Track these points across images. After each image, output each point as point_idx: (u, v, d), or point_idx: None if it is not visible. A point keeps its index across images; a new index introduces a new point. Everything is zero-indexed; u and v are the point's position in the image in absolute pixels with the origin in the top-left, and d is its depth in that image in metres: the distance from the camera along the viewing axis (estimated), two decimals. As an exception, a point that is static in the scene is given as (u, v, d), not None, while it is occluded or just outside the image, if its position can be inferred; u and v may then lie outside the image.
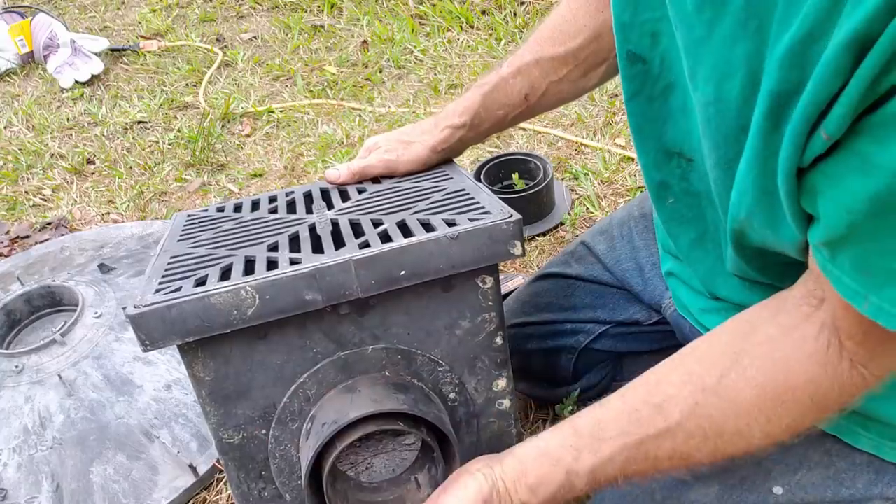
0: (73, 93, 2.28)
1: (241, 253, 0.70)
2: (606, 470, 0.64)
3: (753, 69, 0.55)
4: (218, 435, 0.70)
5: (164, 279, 0.67)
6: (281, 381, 0.69)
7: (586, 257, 1.00)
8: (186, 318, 0.62)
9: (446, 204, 0.74)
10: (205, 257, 0.71)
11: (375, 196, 0.82)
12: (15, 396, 1.14)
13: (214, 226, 0.82)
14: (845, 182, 0.50)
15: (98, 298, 1.26)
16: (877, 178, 0.47)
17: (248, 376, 0.68)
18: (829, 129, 0.48)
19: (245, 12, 2.59)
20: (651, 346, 0.99)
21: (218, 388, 0.68)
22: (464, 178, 0.83)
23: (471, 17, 2.28)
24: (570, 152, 1.76)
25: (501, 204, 0.70)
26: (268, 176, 1.87)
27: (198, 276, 0.66)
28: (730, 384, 0.61)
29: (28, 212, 1.84)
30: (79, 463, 1.07)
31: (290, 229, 0.76)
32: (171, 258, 0.73)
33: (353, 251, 0.64)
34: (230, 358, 0.67)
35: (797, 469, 0.70)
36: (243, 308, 0.63)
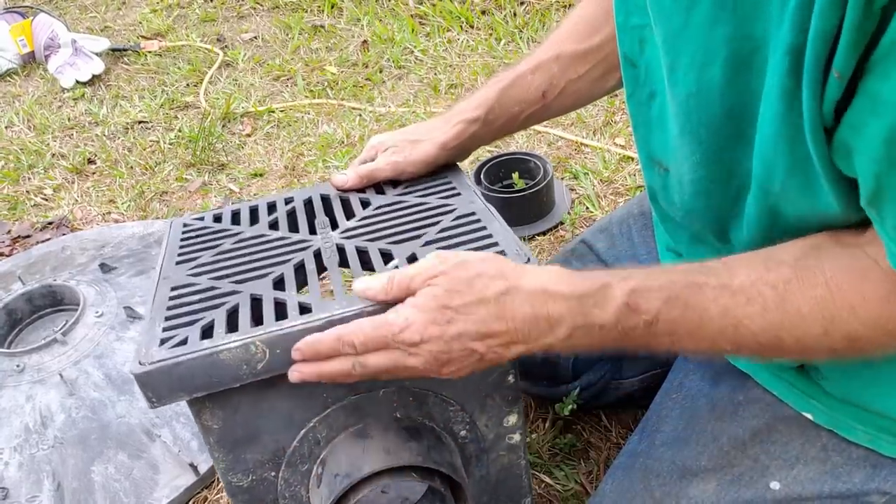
0: (74, 93, 2.29)
1: (246, 289, 0.68)
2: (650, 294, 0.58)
3: (735, 49, 0.55)
4: (227, 479, 0.68)
5: (167, 324, 0.64)
6: (290, 425, 0.67)
7: (586, 255, 1.01)
8: (194, 374, 0.60)
9: (456, 232, 0.72)
10: (208, 293, 0.69)
11: (381, 213, 0.79)
12: (16, 395, 1.14)
13: (213, 243, 0.79)
14: (866, 129, 0.48)
15: (99, 298, 1.26)
16: (886, 116, 0.46)
17: (257, 423, 0.66)
18: (839, 66, 0.47)
19: (245, 12, 2.60)
20: (650, 344, 0.99)
21: (226, 436, 0.66)
22: (472, 195, 0.80)
23: (471, 16, 2.28)
24: (569, 152, 1.76)
25: (514, 237, 0.69)
26: (268, 176, 1.87)
27: (203, 322, 0.64)
28: (804, 266, 0.57)
29: (29, 211, 1.85)
30: (80, 462, 1.08)
31: (294, 256, 0.73)
32: (172, 291, 0.70)
33: (365, 301, 0.62)
34: (239, 407, 0.65)
35: (794, 464, 0.70)
36: (253, 362, 0.61)
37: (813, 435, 0.71)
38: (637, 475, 0.76)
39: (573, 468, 1.07)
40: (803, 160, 0.54)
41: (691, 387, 0.83)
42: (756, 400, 0.75)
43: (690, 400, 0.81)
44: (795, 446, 0.71)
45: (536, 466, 1.07)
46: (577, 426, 1.12)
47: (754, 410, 0.74)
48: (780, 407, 0.73)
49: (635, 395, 1.05)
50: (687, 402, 0.81)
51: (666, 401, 0.84)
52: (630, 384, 1.04)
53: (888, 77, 0.45)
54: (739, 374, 0.77)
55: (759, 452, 0.72)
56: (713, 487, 0.72)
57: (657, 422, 0.81)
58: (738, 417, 0.75)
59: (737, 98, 0.57)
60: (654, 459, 0.76)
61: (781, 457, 0.71)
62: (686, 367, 0.86)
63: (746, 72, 0.55)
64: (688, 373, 0.85)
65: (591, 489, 1.04)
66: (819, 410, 0.70)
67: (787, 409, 0.72)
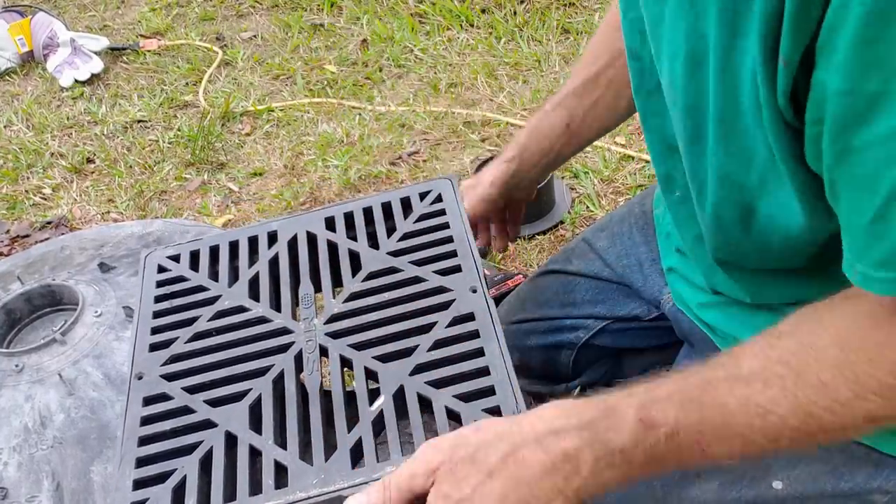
0: (72, 92, 2.28)
1: (221, 421, 0.65)
2: (663, 405, 0.54)
3: (691, 46, 0.55)
4: None
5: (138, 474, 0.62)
6: None
7: (587, 254, 1.01)
8: None
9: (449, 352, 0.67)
10: (181, 419, 0.66)
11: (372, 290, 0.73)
12: (15, 395, 1.14)
13: (188, 313, 0.75)
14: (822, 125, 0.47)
15: (98, 297, 1.26)
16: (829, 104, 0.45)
17: None
18: (784, 52, 0.47)
19: (245, 11, 2.59)
20: (651, 342, 0.99)
21: None
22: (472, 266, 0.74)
23: (471, 15, 2.28)
24: (570, 151, 1.76)
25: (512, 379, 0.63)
26: (268, 175, 1.87)
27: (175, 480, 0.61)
28: (805, 328, 0.54)
29: (28, 211, 1.84)
30: (79, 462, 1.08)
31: (273, 360, 0.69)
32: (145, 406, 0.68)
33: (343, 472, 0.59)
34: None
35: (796, 463, 0.70)
36: None
37: None
38: None
39: (574, 468, 1.06)
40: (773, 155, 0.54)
41: None
42: None
43: None
44: None
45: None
46: (578, 425, 1.12)
47: None
48: None
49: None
50: None
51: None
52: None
53: (829, 61, 0.44)
54: None
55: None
56: (715, 487, 0.72)
57: None
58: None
59: (695, 96, 0.57)
60: None
61: (784, 456, 0.71)
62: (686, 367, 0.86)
63: (700, 70, 0.55)
64: (688, 371, 0.85)
65: (591, 489, 1.04)
66: None
67: None
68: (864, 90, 0.43)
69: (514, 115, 1.90)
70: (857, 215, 0.48)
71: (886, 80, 0.42)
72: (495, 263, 1.49)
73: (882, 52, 0.42)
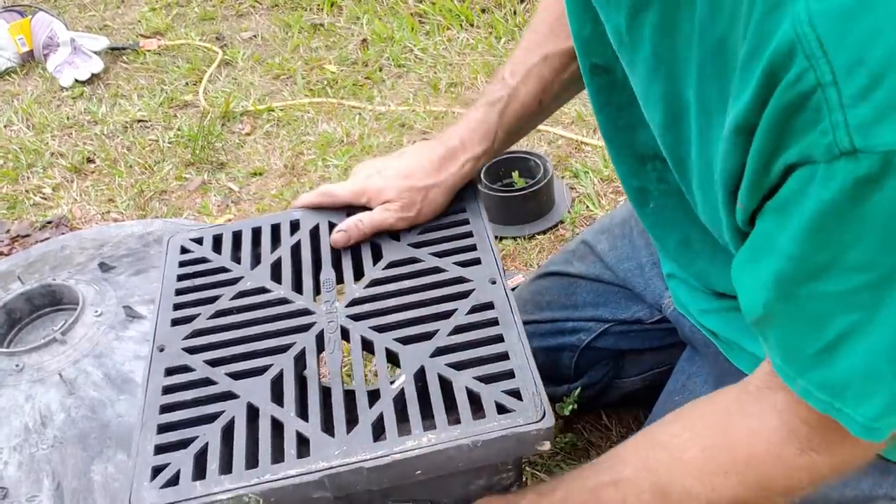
0: (72, 91, 2.28)
1: (243, 392, 0.66)
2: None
3: (669, 103, 0.57)
4: None
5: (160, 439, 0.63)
6: None
7: (588, 256, 1.00)
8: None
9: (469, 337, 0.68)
10: (203, 390, 0.67)
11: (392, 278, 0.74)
12: (15, 395, 1.14)
13: (211, 292, 0.76)
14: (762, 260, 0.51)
15: (98, 297, 1.26)
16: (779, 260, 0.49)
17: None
18: (742, 199, 0.51)
19: (245, 11, 2.59)
20: (653, 343, 0.99)
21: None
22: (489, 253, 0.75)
23: (470, 15, 2.28)
24: (570, 150, 1.76)
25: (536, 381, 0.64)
26: (268, 174, 1.87)
27: (197, 447, 0.62)
28: (678, 442, 0.61)
29: (28, 211, 1.84)
30: (80, 461, 1.08)
31: (295, 339, 0.70)
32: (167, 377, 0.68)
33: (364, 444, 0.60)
34: None
35: None
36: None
37: None
38: None
39: (573, 467, 1.06)
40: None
41: (694, 389, 0.83)
42: None
43: None
44: None
45: (537, 466, 1.07)
46: (578, 425, 1.12)
47: None
48: None
49: (637, 394, 1.05)
50: None
51: (669, 403, 0.84)
52: (632, 383, 1.04)
53: (783, 227, 0.48)
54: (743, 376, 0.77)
55: None
56: None
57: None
58: None
59: (675, 146, 0.60)
60: None
61: None
62: (689, 370, 0.86)
63: (679, 126, 0.58)
64: (690, 375, 0.85)
65: (591, 488, 1.04)
66: None
67: None
68: (813, 260, 0.47)
69: (514, 114, 1.90)
70: (799, 342, 0.52)
71: (835, 254, 0.46)
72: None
73: (834, 235, 0.46)
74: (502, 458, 0.63)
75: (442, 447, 0.59)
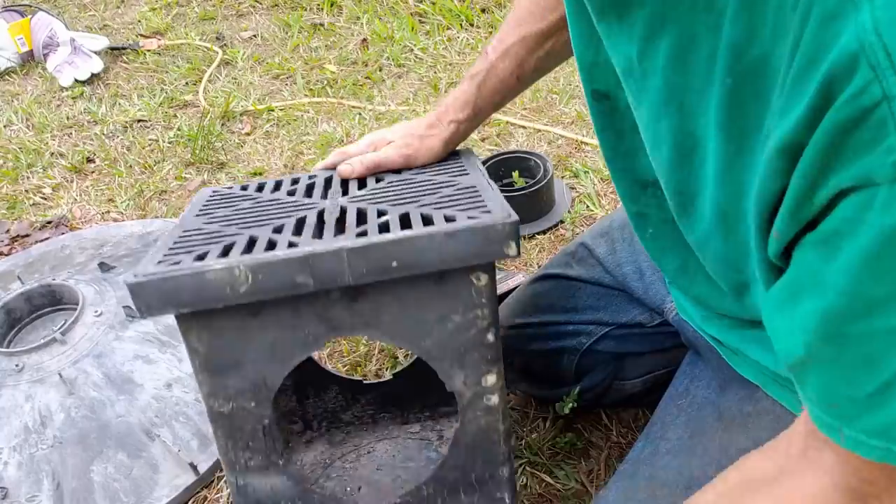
0: (72, 91, 2.28)
1: (248, 232, 0.72)
2: None
3: (679, 140, 0.56)
4: (209, 403, 0.73)
5: (169, 252, 0.69)
6: (272, 358, 0.71)
7: (587, 259, 1.00)
8: (182, 290, 0.65)
9: (453, 200, 0.75)
10: (213, 234, 0.74)
11: (391, 186, 0.83)
12: (15, 395, 1.14)
13: (233, 203, 0.85)
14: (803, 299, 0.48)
15: (98, 297, 1.26)
16: (826, 297, 0.46)
17: (241, 351, 0.71)
18: (779, 227, 0.48)
19: (245, 10, 2.59)
20: (654, 346, 0.99)
21: (211, 360, 0.71)
22: (478, 175, 0.83)
23: (470, 15, 2.28)
24: (570, 150, 1.76)
25: (505, 205, 0.71)
26: (268, 174, 1.87)
27: (200, 252, 0.68)
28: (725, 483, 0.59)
29: (28, 210, 1.84)
30: (79, 461, 1.07)
31: (300, 213, 0.77)
32: (184, 232, 0.75)
33: (349, 240, 0.66)
34: (223, 332, 0.70)
35: None
36: (236, 286, 0.65)
37: None
38: (642, 483, 0.75)
39: (574, 467, 1.06)
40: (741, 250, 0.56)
41: (697, 394, 0.82)
42: (766, 412, 0.74)
43: (696, 408, 0.80)
44: None
45: (537, 466, 1.07)
46: (578, 425, 1.12)
47: (764, 422, 0.73)
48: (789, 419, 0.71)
49: (638, 396, 1.05)
50: (693, 411, 0.80)
51: (671, 407, 0.83)
52: (633, 385, 1.04)
53: (831, 259, 0.44)
54: (747, 383, 0.76)
55: None
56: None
57: (662, 429, 0.81)
58: (746, 429, 0.74)
59: (683, 182, 0.59)
60: (659, 468, 0.75)
61: None
62: (692, 373, 0.86)
63: (689, 163, 0.56)
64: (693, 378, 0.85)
65: (591, 488, 1.04)
66: None
67: None
68: (869, 294, 0.43)
69: (514, 114, 1.90)
70: (846, 387, 0.48)
71: (891, 287, 0.43)
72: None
73: (889, 264, 0.42)
74: (471, 257, 0.67)
75: (416, 234, 0.66)
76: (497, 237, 0.66)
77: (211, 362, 0.71)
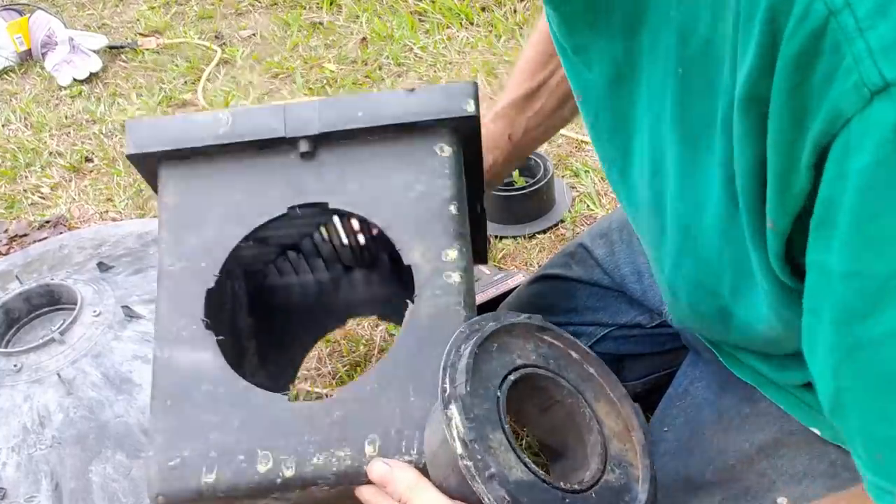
0: (71, 90, 2.28)
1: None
2: None
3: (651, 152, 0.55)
4: (162, 263, 0.75)
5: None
6: (233, 219, 0.75)
7: (586, 260, 1.00)
8: (169, 128, 0.73)
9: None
10: None
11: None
12: (13, 395, 1.13)
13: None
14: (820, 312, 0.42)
15: (97, 297, 1.25)
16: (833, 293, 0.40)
17: (206, 208, 0.75)
18: (771, 213, 0.43)
19: (244, 9, 2.59)
20: (653, 348, 0.99)
21: (177, 215, 0.75)
22: None
23: (470, 13, 2.27)
24: (570, 150, 1.76)
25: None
26: (267, 173, 1.86)
27: None
28: None
29: (26, 210, 1.84)
30: (78, 462, 1.07)
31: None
32: None
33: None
34: (194, 188, 0.75)
35: (801, 479, 0.69)
36: (218, 127, 0.73)
37: (821, 450, 0.69)
38: None
39: (574, 468, 1.06)
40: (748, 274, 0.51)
41: (696, 395, 0.82)
42: (763, 413, 0.74)
43: (695, 409, 0.80)
44: (803, 461, 0.70)
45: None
46: (579, 425, 1.11)
47: (761, 424, 0.73)
48: (787, 421, 0.72)
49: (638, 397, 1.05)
50: (692, 411, 0.80)
51: (670, 408, 0.83)
52: (632, 387, 1.04)
53: (830, 240, 0.39)
54: (746, 384, 0.76)
55: (766, 467, 0.71)
56: (719, 501, 0.71)
57: (661, 429, 0.80)
58: (744, 430, 0.74)
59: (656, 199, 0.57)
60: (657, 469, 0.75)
61: (789, 472, 0.70)
62: (692, 374, 0.85)
63: (658, 177, 0.55)
64: (693, 380, 0.84)
65: (592, 489, 1.04)
66: (827, 426, 0.69)
67: (794, 423, 0.71)
68: (873, 271, 0.37)
69: (514, 113, 1.90)
70: (882, 423, 0.40)
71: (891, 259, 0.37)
72: (495, 262, 1.48)
73: (888, 225, 0.36)
74: (431, 112, 0.70)
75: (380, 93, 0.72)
76: (457, 95, 0.70)
77: (177, 218, 0.75)
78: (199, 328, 0.71)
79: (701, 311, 0.65)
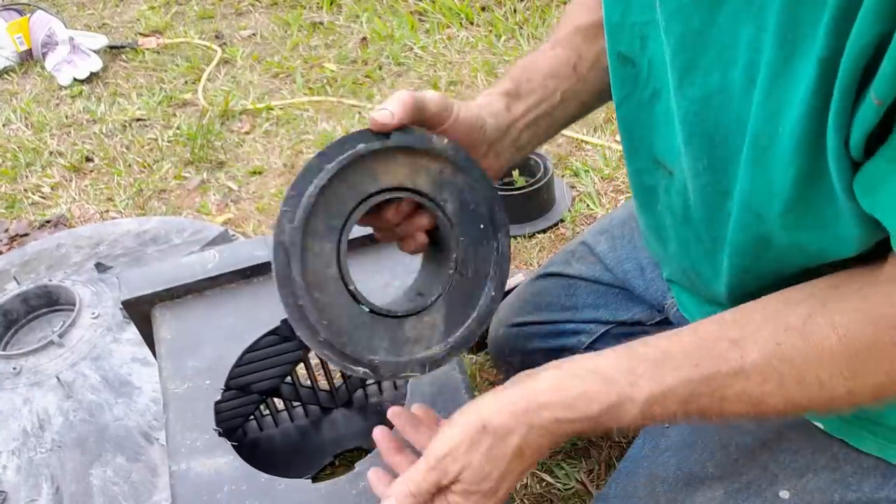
0: (71, 90, 2.27)
1: None
2: (666, 402, 0.58)
3: (751, 57, 0.52)
4: (166, 387, 0.78)
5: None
6: (232, 340, 0.80)
7: (587, 257, 1.00)
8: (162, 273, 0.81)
9: None
10: None
11: None
12: (13, 398, 1.13)
13: None
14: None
15: (95, 298, 1.25)
16: None
17: (203, 334, 0.80)
18: (879, 90, 0.42)
19: (244, 9, 2.58)
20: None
21: (175, 344, 0.80)
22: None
23: (470, 13, 2.27)
24: (570, 149, 1.75)
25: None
26: (267, 173, 1.86)
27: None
28: (815, 329, 0.55)
29: (27, 210, 1.84)
30: (78, 465, 1.07)
31: None
32: None
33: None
34: (189, 319, 0.81)
35: (804, 473, 0.69)
36: (206, 263, 0.81)
37: (823, 444, 0.69)
38: (642, 480, 0.74)
39: (574, 467, 1.06)
40: (819, 186, 0.51)
41: None
42: None
43: None
44: (805, 455, 0.70)
45: (537, 465, 1.06)
46: (579, 427, 1.11)
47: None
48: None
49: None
50: None
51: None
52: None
53: None
54: None
55: (767, 460, 0.71)
56: (720, 495, 0.71)
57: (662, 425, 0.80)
58: (746, 424, 0.73)
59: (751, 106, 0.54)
60: (659, 465, 0.75)
61: (791, 465, 0.70)
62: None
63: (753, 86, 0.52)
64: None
65: (592, 488, 1.04)
66: (829, 420, 0.69)
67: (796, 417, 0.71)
68: None
69: (515, 113, 1.89)
70: None
71: None
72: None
73: None
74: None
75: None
76: None
77: (175, 347, 0.80)
78: (212, 437, 0.73)
79: (736, 242, 0.63)
